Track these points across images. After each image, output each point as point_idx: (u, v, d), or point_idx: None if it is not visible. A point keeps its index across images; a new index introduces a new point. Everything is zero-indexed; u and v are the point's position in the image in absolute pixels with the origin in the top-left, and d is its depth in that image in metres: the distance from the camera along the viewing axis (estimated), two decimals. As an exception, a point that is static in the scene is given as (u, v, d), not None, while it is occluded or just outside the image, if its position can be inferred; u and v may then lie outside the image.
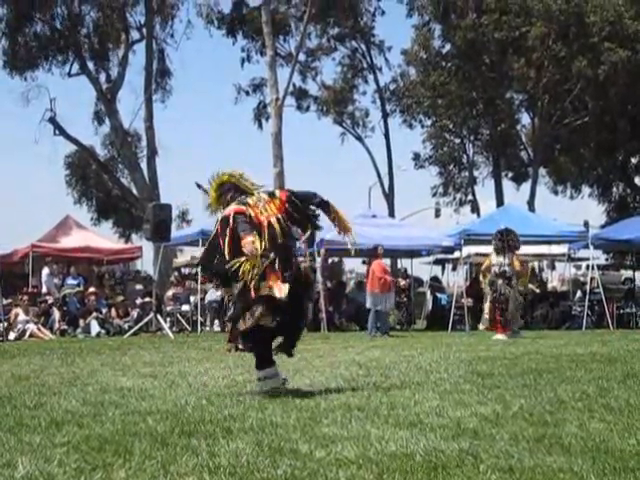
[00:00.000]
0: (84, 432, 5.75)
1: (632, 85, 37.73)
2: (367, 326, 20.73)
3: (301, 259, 8.23)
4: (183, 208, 51.05)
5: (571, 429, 5.64)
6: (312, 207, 8.22)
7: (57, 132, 36.41)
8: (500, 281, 18.65)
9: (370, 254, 21.63)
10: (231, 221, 7.59)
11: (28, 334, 20.37)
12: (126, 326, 22.47)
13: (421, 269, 33.32)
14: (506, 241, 18.68)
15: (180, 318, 24.30)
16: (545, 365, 10.58)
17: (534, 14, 37.69)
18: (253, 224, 7.61)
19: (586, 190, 49.37)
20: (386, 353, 13.41)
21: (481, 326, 20.59)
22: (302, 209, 8.09)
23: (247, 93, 46.85)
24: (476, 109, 44.51)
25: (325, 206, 8.26)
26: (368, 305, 20.72)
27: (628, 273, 35.68)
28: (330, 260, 27.45)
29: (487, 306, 19.14)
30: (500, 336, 18.15)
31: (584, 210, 56.89)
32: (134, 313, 23.51)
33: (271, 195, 8.04)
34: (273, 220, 7.73)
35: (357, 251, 9.78)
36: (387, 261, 40.07)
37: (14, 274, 26.55)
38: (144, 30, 37.15)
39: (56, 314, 22.39)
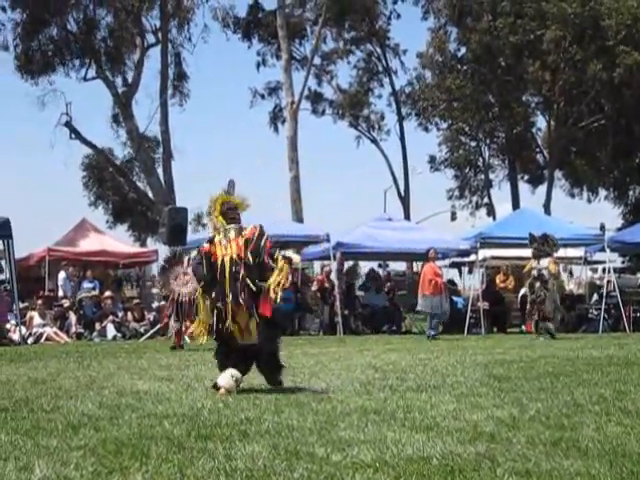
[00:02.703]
0: (101, 435, 5.77)
1: (648, 88, 37.61)
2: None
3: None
4: (199, 211, 51.18)
5: (588, 432, 5.63)
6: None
7: (73, 136, 36.48)
8: (538, 284, 19.44)
9: (423, 258, 21.94)
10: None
11: (44, 338, 20.44)
12: (142, 329, 22.46)
13: (437, 272, 33.21)
14: (543, 245, 19.63)
15: (196, 322, 24.30)
16: (561, 368, 10.55)
17: (549, 17, 37.60)
18: None
19: (602, 193, 49.28)
20: (402, 356, 13.39)
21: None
22: None
23: (263, 97, 46.99)
24: (492, 112, 44.49)
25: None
26: (419, 307, 20.98)
27: (645, 276, 35.54)
28: (346, 265, 27.35)
29: (528, 307, 19.99)
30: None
31: (600, 213, 56.70)
32: (150, 317, 23.50)
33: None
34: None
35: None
36: (403, 265, 40.37)
37: (30, 278, 26.58)
38: (160, 34, 37.18)
39: (72, 318, 22.41)
